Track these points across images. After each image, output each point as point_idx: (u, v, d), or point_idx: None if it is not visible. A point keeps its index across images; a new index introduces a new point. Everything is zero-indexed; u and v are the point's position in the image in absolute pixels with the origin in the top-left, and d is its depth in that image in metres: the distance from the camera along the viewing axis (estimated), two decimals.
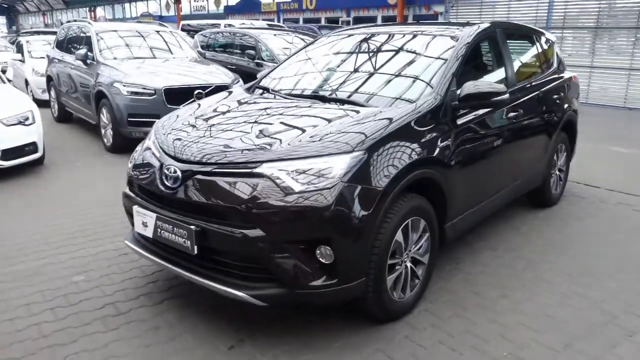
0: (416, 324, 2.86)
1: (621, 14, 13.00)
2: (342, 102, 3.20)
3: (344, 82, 3.50)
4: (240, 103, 3.45)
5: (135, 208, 2.82)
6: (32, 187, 5.42)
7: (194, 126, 3.05)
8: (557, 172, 4.79)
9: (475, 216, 3.51)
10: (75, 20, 9.32)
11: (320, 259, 2.43)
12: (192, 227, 2.51)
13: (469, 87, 3.09)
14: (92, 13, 43.30)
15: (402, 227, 2.70)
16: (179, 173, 2.63)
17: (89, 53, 7.42)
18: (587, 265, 3.61)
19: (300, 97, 3.42)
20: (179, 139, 2.87)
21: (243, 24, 14.26)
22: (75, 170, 6.09)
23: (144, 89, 6.56)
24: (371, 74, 3.48)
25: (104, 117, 6.95)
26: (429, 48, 3.52)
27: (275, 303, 2.53)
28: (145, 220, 2.76)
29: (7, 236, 4.05)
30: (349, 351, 2.62)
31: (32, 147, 5.81)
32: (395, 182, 2.60)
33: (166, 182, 2.68)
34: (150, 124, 6.50)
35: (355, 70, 3.57)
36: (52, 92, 9.06)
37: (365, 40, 3.88)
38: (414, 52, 3.56)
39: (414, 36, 3.72)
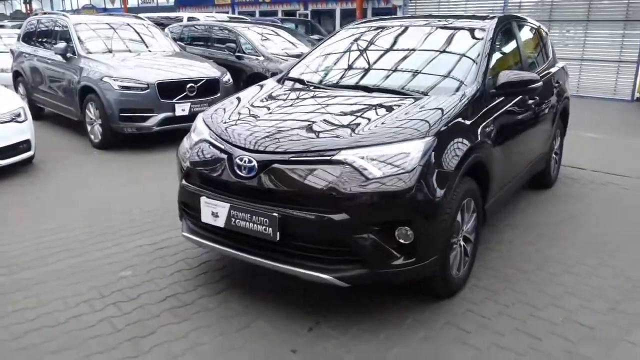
0: (472, 299, 3.06)
1: (570, 8, 13.79)
2: (388, 92, 3.33)
3: (384, 73, 3.64)
4: (285, 94, 3.52)
5: (204, 199, 2.85)
6: (28, 186, 5.23)
7: (255, 117, 3.11)
8: (554, 155, 5.14)
9: (504, 197, 3.75)
10: (46, 13, 8.93)
11: (399, 240, 2.57)
12: (275, 214, 2.58)
13: (507, 75, 3.31)
14: (27, 5, 41.05)
15: (460, 207, 2.88)
16: (254, 163, 2.68)
17: (69, 47, 7.16)
18: (602, 239, 3.94)
19: (344, 87, 3.52)
20: (246, 130, 2.92)
21: (208, 17, 14.05)
22: (67, 168, 5.90)
23: (137, 83, 6.43)
24: (409, 65, 3.63)
25: (91, 113, 6.76)
26: (460, 39, 3.72)
27: (357, 283, 2.64)
28: (216, 210, 2.80)
29: (28, 237, 3.93)
30: (421, 326, 2.78)
31: (25, 145, 5.60)
32: (460, 164, 2.78)
33: (239, 172, 2.73)
34: (144, 119, 6.55)
35: (392, 61, 3.71)
36: (21, 89, 8.66)
37: (392, 32, 4.03)
38: (445, 43, 3.74)
39: (441, 28, 3.91)
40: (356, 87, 3.50)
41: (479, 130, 3.09)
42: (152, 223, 4.21)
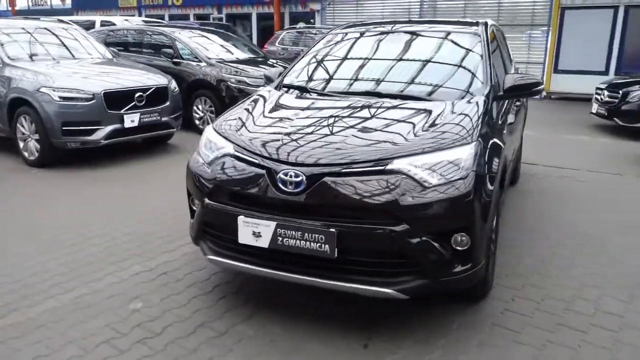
0: (502, 297, 3.12)
1: (483, 11, 14.72)
2: (406, 98, 3.30)
3: (395, 79, 3.60)
4: (300, 103, 3.38)
5: (242, 219, 2.64)
6: None
7: (282, 128, 2.94)
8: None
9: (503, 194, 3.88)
10: None
11: (456, 247, 2.55)
12: (332, 230, 2.46)
13: (513, 79, 3.42)
14: None
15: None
16: (302, 177, 2.53)
17: None
18: (588, 231, 4.20)
19: (358, 94, 3.43)
20: (282, 143, 2.76)
21: (124, 21, 13.25)
22: (7, 190, 5.26)
23: (80, 93, 5.87)
24: (417, 71, 3.63)
25: (24, 127, 6.08)
26: (459, 44, 3.78)
27: (418, 294, 2.58)
28: (259, 230, 2.61)
29: (16, 272, 3.43)
30: (470, 330, 2.78)
31: None
32: (498, 165, 2.83)
33: (284, 188, 2.56)
34: (89, 132, 6.00)
35: (400, 67, 3.70)
36: None
37: (387, 38, 4.02)
38: (446, 49, 3.79)
39: (436, 33, 3.96)
40: (372, 93, 3.43)
41: (500, 131, 3.16)
42: (138, 247, 3.86)
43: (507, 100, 3.66)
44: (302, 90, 3.64)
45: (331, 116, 3.08)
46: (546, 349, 2.62)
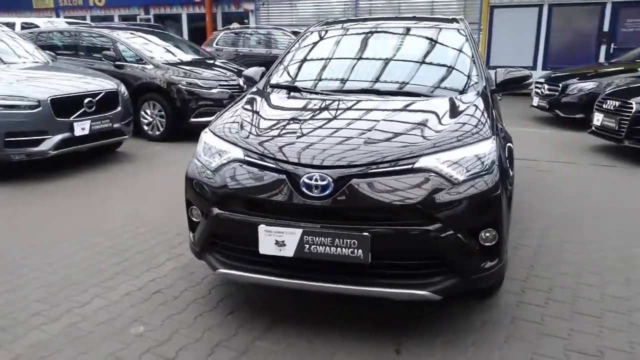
0: (512, 290, 3.14)
1: (416, 9, 15.10)
2: (406, 94, 3.25)
3: (390, 76, 3.53)
4: (301, 103, 3.22)
5: (263, 228, 2.46)
6: None
7: (292, 130, 2.79)
8: None
9: None
10: None
11: (485, 243, 2.52)
12: (366, 233, 2.35)
13: (504, 73, 3.46)
14: None
15: None
16: (328, 180, 2.40)
17: None
18: (568, 218, 4.36)
19: (353, 92, 3.33)
20: (298, 145, 2.61)
21: (48, 22, 12.36)
22: None
23: (24, 100, 5.36)
24: (408, 67, 3.59)
25: None
26: (445, 40, 3.78)
27: (450, 294, 2.52)
28: (283, 238, 2.44)
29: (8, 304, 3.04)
30: (495, 326, 2.77)
31: None
32: (507, 158, 2.83)
33: (309, 193, 2.42)
34: (36, 143, 5.47)
35: (391, 64, 3.63)
36: None
37: (372, 34, 3.95)
38: (434, 45, 3.77)
39: (421, 30, 3.94)
40: (369, 91, 3.34)
41: (498, 124, 3.18)
42: (118, 266, 3.55)
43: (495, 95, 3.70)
44: (296, 90, 3.48)
45: (341, 116, 2.97)
46: (572, 337, 2.65)
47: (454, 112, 2.89)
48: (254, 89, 3.60)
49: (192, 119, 7.49)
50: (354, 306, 2.92)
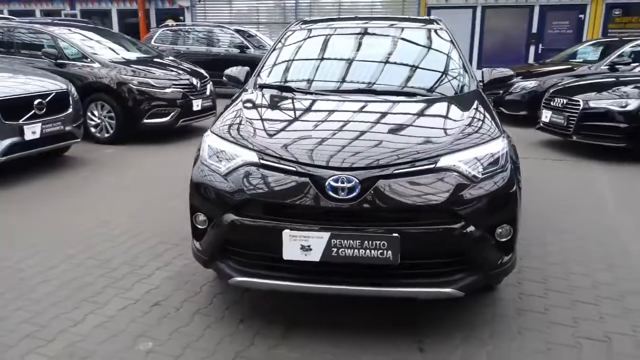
0: (509, 282, 3.21)
1: (357, 9, 15.30)
2: (406, 94, 3.27)
3: (382, 75, 3.54)
4: (302, 104, 3.16)
5: (287, 233, 2.39)
6: None
7: (309, 132, 2.72)
8: None
9: None
10: None
11: (500, 239, 2.59)
12: (395, 234, 2.34)
13: (492, 72, 3.58)
14: None
15: None
16: (354, 182, 2.37)
17: None
18: (540, 211, 4.58)
19: (353, 92, 3.30)
20: (318, 147, 2.56)
21: None
22: None
23: None
24: (401, 67, 3.61)
25: None
26: (432, 40, 3.85)
27: (471, 290, 2.57)
28: (309, 243, 2.38)
29: None
30: (504, 318, 2.85)
31: None
32: (518, 156, 2.94)
33: (335, 195, 2.38)
34: None
35: (382, 64, 3.64)
36: None
37: (357, 34, 3.94)
38: (421, 45, 3.83)
39: (405, 30, 3.98)
40: (368, 91, 3.33)
41: None
42: (104, 278, 3.32)
43: None
44: (291, 90, 3.40)
45: (350, 117, 2.94)
46: (578, 325, 2.79)
47: (460, 111, 2.94)
48: (247, 90, 3.48)
49: (146, 120, 7.17)
50: (366, 309, 2.91)
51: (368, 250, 2.36)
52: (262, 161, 2.56)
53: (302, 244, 2.39)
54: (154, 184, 5.45)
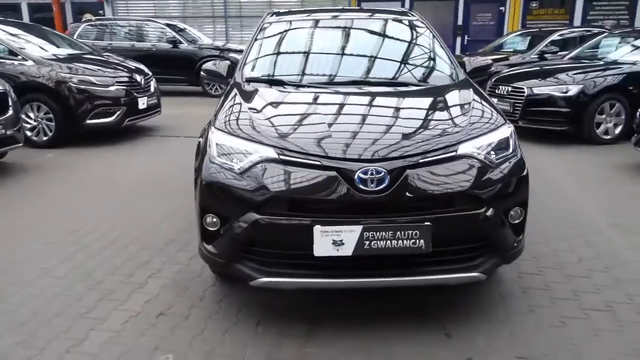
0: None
1: (287, 5, 15.21)
2: (402, 84, 3.29)
3: (372, 66, 3.53)
4: (303, 98, 3.12)
5: (318, 229, 2.33)
6: None
7: (325, 125, 2.66)
8: None
9: None
10: None
11: (513, 221, 2.68)
12: (427, 223, 2.36)
13: (474, 61, 3.69)
14: None
15: None
16: (383, 173, 2.36)
17: None
18: None
19: (345, 84, 3.28)
20: (344, 139, 2.52)
21: None
22: None
23: None
24: (389, 57, 3.63)
25: None
26: (414, 32, 3.88)
27: (491, 273, 2.64)
28: (341, 237, 2.34)
29: None
30: (513, 298, 2.96)
31: None
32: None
33: (364, 187, 2.35)
34: None
35: (370, 55, 3.63)
36: None
37: (343, 25, 3.92)
38: (403, 36, 3.86)
39: (385, 21, 4.00)
40: (364, 82, 3.32)
41: None
42: (94, 291, 3.09)
43: None
44: (284, 84, 3.31)
45: (361, 109, 2.93)
46: (580, 298, 2.95)
47: (462, 100, 3.01)
48: (239, 84, 3.34)
49: (89, 121, 6.72)
50: (380, 301, 2.90)
51: (400, 241, 2.36)
52: (281, 157, 2.48)
53: (334, 239, 2.35)
54: (112, 187, 5.13)
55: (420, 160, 2.44)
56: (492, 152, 2.61)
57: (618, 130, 6.73)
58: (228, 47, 12.56)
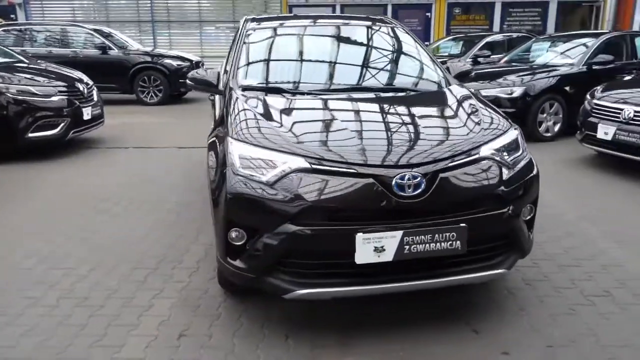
0: None
1: (218, 6, 14.95)
2: (398, 90, 3.36)
3: (364, 72, 3.57)
4: (311, 104, 3.08)
5: (360, 236, 2.33)
6: None
7: (349, 132, 2.66)
8: None
9: None
10: None
11: (526, 217, 2.82)
12: (463, 224, 2.43)
13: (458, 66, 3.84)
14: None
15: None
16: (419, 178, 2.41)
17: None
18: None
19: (344, 91, 3.30)
20: (375, 146, 2.55)
21: None
22: None
23: None
24: (380, 64, 3.68)
25: None
26: (397, 38, 3.97)
27: (513, 267, 2.76)
28: (382, 244, 2.35)
29: None
30: (519, 290, 3.12)
31: None
32: None
33: (403, 193, 2.38)
34: None
35: (360, 61, 3.68)
36: None
37: (328, 32, 3.92)
38: (392, 42, 3.93)
39: (367, 28, 4.06)
40: (361, 89, 3.35)
41: None
42: (95, 319, 2.89)
43: None
44: (285, 92, 3.27)
45: (376, 116, 2.96)
46: (579, 285, 3.16)
47: (467, 105, 3.12)
48: (239, 92, 3.25)
49: (30, 134, 6.23)
50: (399, 304, 2.94)
51: (438, 243, 2.41)
52: (314, 166, 2.45)
53: (375, 246, 2.36)
54: (75, 204, 4.78)
55: (450, 164, 2.51)
56: (506, 154, 2.73)
57: (557, 128, 7.26)
58: (160, 53, 12.13)
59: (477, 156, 2.60)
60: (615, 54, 7.43)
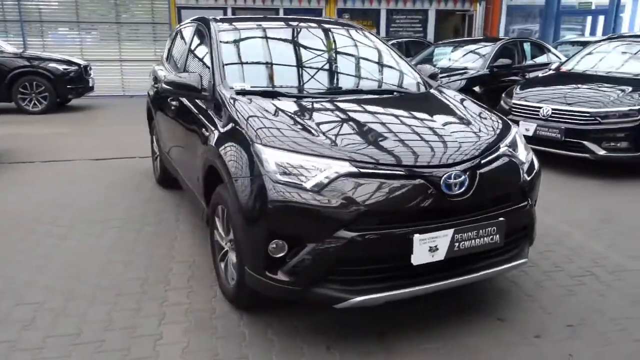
0: None
1: (99, 8, 13.84)
2: (388, 92, 3.41)
3: (350, 73, 3.55)
4: (327, 106, 3.01)
5: (418, 237, 2.32)
6: None
7: (377, 134, 2.65)
8: None
9: None
10: None
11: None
12: (501, 218, 2.53)
13: (429, 69, 3.98)
14: None
15: None
16: (463, 177, 2.46)
17: None
18: None
19: (347, 93, 3.27)
20: (415, 147, 2.56)
21: None
22: None
23: None
24: (368, 66, 3.69)
25: None
26: (368, 40, 3.99)
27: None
28: (435, 243, 2.36)
29: None
30: (528, 274, 3.33)
31: None
32: None
33: (449, 192, 2.42)
34: None
35: (342, 63, 3.69)
36: None
37: (301, 33, 3.80)
38: (361, 45, 3.92)
39: (338, 30, 4.03)
40: (355, 91, 3.34)
41: None
42: (108, 355, 2.54)
43: None
44: (286, 96, 3.13)
45: (399, 117, 2.95)
46: (564, 268, 3.45)
47: (468, 106, 3.25)
48: (236, 96, 3.03)
49: None
50: (428, 302, 2.94)
51: (482, 238, 2.49)
52: (361, 170, 2.39)
53: (430, 246, 2.37)
54: (6, 227, 4.13)
55: (483, 161, 2.61)
56: (517, 151, 2.90)
57: None
58: (38, 56, 10.90)
59: (499, 152, 2.73)
60: (510, 58, 8.24)
